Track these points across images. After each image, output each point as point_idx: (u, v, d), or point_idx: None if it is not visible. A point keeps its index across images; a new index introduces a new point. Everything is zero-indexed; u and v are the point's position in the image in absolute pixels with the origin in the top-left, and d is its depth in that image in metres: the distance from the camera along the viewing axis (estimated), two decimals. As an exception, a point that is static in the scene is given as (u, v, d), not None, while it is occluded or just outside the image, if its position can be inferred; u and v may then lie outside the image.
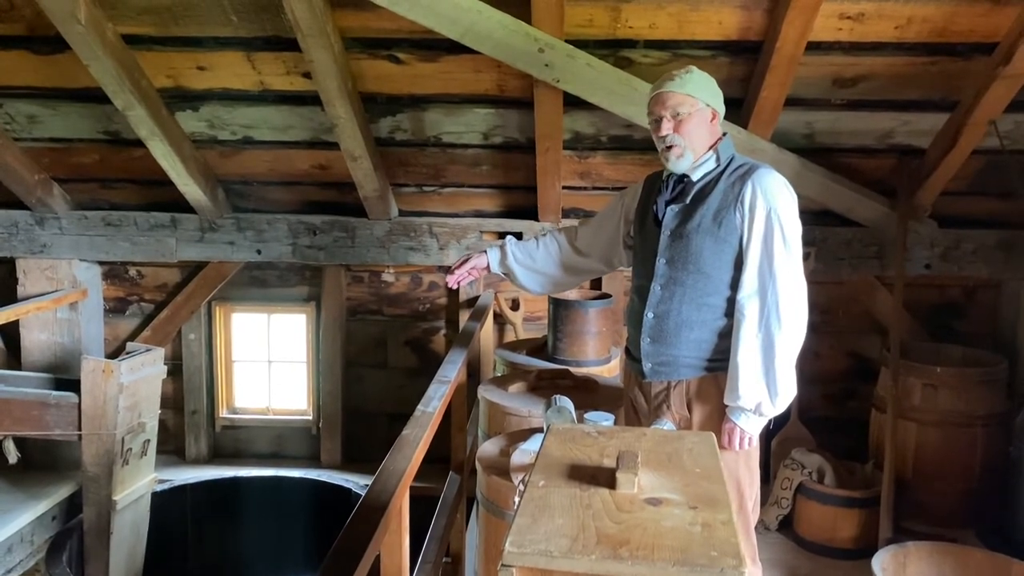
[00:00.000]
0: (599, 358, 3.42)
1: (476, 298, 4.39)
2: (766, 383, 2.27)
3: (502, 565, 1.12)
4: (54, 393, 3.68)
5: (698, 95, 2.34)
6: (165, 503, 4.08)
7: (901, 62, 3.31)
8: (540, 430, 2.46)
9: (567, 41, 3.20)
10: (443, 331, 4.58)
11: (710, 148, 2.37)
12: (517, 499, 2.13)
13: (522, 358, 3.50)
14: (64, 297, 4.44)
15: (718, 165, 2.37)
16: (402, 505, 1.96)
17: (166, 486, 4.20)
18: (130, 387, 3.58)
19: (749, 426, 2.31)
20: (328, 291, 4.56)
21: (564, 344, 3.40)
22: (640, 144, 3.85)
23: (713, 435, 1.59)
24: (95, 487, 3.63)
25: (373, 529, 1.69)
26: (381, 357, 4.69)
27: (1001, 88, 3.21)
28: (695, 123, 2.34)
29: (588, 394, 2.95)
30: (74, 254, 4.46)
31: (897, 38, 3.19)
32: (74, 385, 3.68)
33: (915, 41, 3.20)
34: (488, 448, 2.52)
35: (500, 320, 4.55)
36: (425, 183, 4.24)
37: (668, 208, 2.40)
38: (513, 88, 3.56)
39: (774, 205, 2.27)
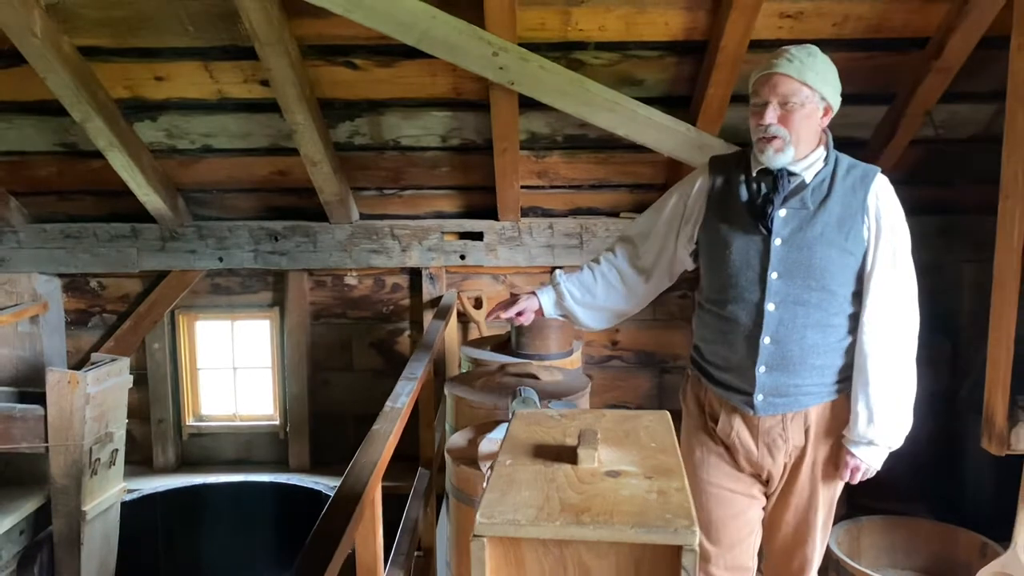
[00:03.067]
0: (561, 351, 3.52)
1: (439, 298, 4.47)
2: (897, 416, 2.10)
3: (474, 536, 1.20)
4: (19, 406, 3.68)
5: (818, 87, 2.04)
6: (134, 513, 4.08)
7: (840, 57, 3.37)
8: (507, 421, 2.53)
9: (520, 44, 3.28)
10: (407, 332, 4.64)
11: (819, 145, 2.11)
12: (485, 484, 2.20)
13: (487, 354, 3.58)
14: (24, 311, 4.41)
15: (826, 164, 2.11)
16: (375, 497, 2.03)
17: (135, 495, 4.20)
18: (96, 397, 3.60)
19: (874, 460, 2.13)
20: (291, 296, 4.60)
21: (527, 339, 3.49)
22: (595, 143, 3.96)
23: (667, 414, 1.67)
24: (64, 498, 3.64)
25: (348, 519, 1.75)
26: (346, 360, 4.73)
27: (934, 80, 3.37)
28: (806, 116, 2.05)
29: (551, 385, 3.04)
30: (33, 267, 4.44)
31: (835, 35, 3.33)
32: (39, 398, 3.68)
33: (852, 37, 3.35)
34: (456, 440, 2.60)
35: (464, 319, 4.63)
36: (385, 186, 4.30)
37: (778, 212, 2.09)
38: (469, 91, 3.64)
39: (897, 216, 2.10)
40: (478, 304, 4.53)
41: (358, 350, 4.72)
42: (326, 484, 4.28)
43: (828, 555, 3.16)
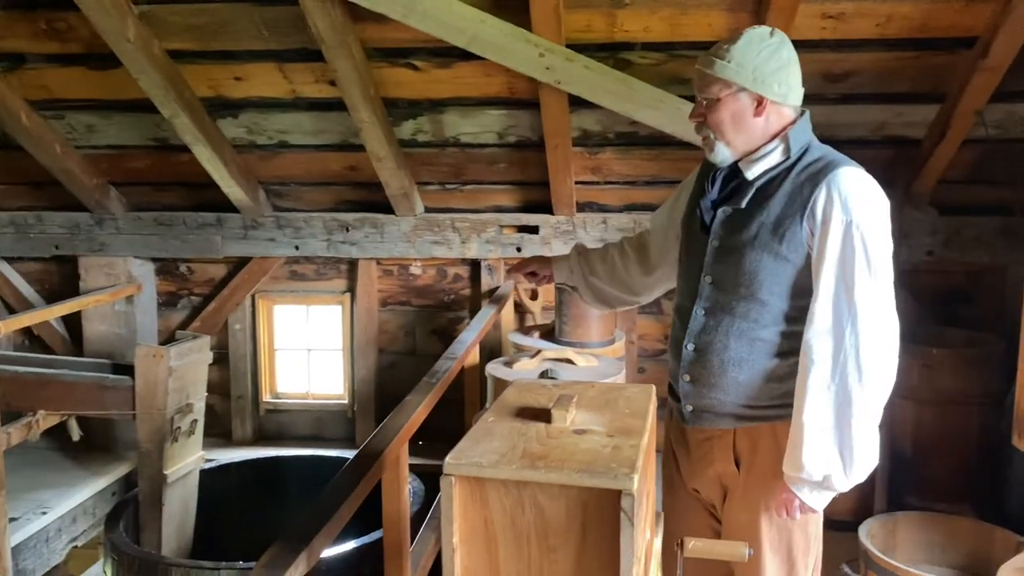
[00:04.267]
0: (602, 340, 3.67)
1: (496, 288, 4.67)
2: (839, 450, 1.82)
3: (443, 475, 1.39)
4: (111, 377, 4.07)
5: (737, 79, 1.88)
6: (214, 480, 4.42)
7: (887, 57, 3.48)
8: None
9: (568, 46, 3.44)
10: (467, 320, 4.86)
11: (772, 140, 1.93)
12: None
13: (528, 340, 3.76)
14: (120, 291, 4.84)
15: (786, 159, 1.92)
16: (399, 455, 2.23)
17: (214, 464, 4.54)
18: (178, 371, 3.94)
19: (812, 501, 1.88)
20: (361, 283, 4.88)
21: (569, 327, 3.65)
22: (646, 140, 4.07)
23: (652, 388, 1.81)
24: (148, 462, 3.99)
25: (363, 472, 1.97)
26: (410, 345, 4.99)
27: (982, 79, 3.36)
28: (728, 112, 1.92)
29: (586, 371, 3.19)
30: (130, 252, 4.85)
31: (879, 35, 3.36)
32: (129, 370, 4.06)
33: (897, 37, 3.37)
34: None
35: (521, 309, 4.81)
36: (447, 181, 4.53)
37: (718, 211, 1.97)
38: (522, 90, 3.82)
39: (856, 216, 1.81)
40: (534, 295, 4.71)
41: (421, 336, 4.97)
42: (387, 461, 4.53)
43: (859, 548, 3.22)
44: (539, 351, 3.31)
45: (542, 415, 1.60)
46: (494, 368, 3.27)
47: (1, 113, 4.13)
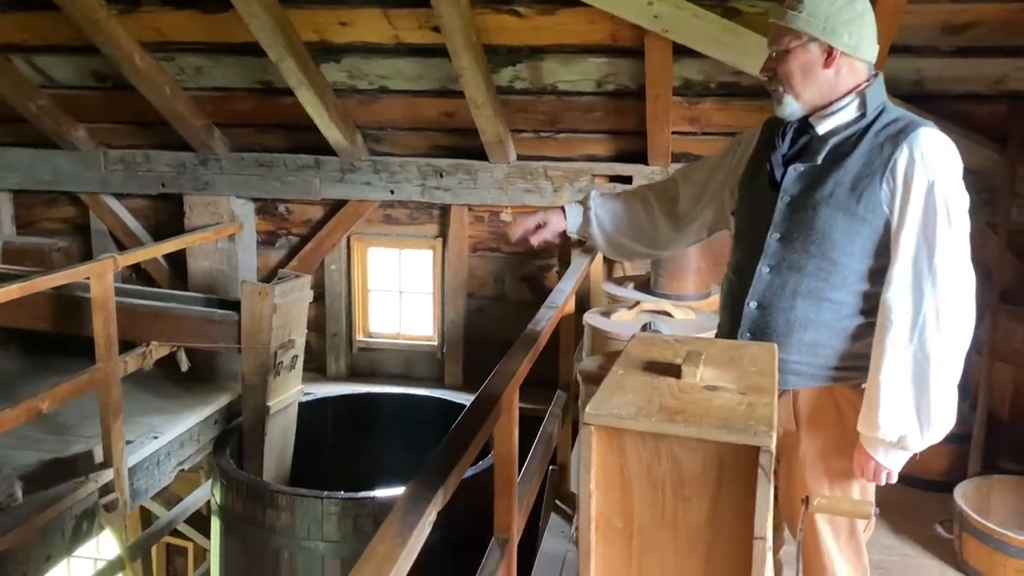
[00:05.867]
0: (698, 293, 3.68)
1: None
2: (916, 410, 1.81)
3: (583, 423, 1.45)
4: (218, 312, 4.26)
5: (808, 30, 1.85)
6: (309, 413, 4.62)
7: (1012, 8, 3.33)
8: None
9: (677, -7, 3.40)
10: (555, 268, 4.91)
11: (847, 95, 1.89)
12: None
13: (626, 291, 3.79)
14: (223, 229, 5.03)
15: (862, 117, 1.89)
16: (512, 400, 2.31)
17: (310, 398, 4.75)
18: (282, 308, 4.10)
19: (888, 461, 1.85)
20: (453, 229, 4.97)
21: (665, 279, 3.66)
22: (749, 90, 4.01)
23: (774, 347, 1.82)
24: (252, 394, 4.20)
25: (486, 414, 2.05)
26: (499, 291, 5.08)
27: None
28: (798, 64, 1.88)
29: (683, 324, 3.22)
30: (232, 191, 5.02)
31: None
32: (234, 305, 4.24)
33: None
34: (587, 364, 2.85)
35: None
36: (542, 129, 4.54)
37: (790, 168, 1.92)
38: (625, 38, 3.78)
39: (938, 176, 1.79)
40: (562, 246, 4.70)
41: (510, 283, 5.05)
42: (475, 402, 4.66)
43: (954, 509, 3.21)
44: (637, 303, 3.35)
45: (671, 370, 1.63)
46: (592, 318, 3.31)
47: (115, 54, 4.29)
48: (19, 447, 3.86)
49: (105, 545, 5.97)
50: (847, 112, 1.90)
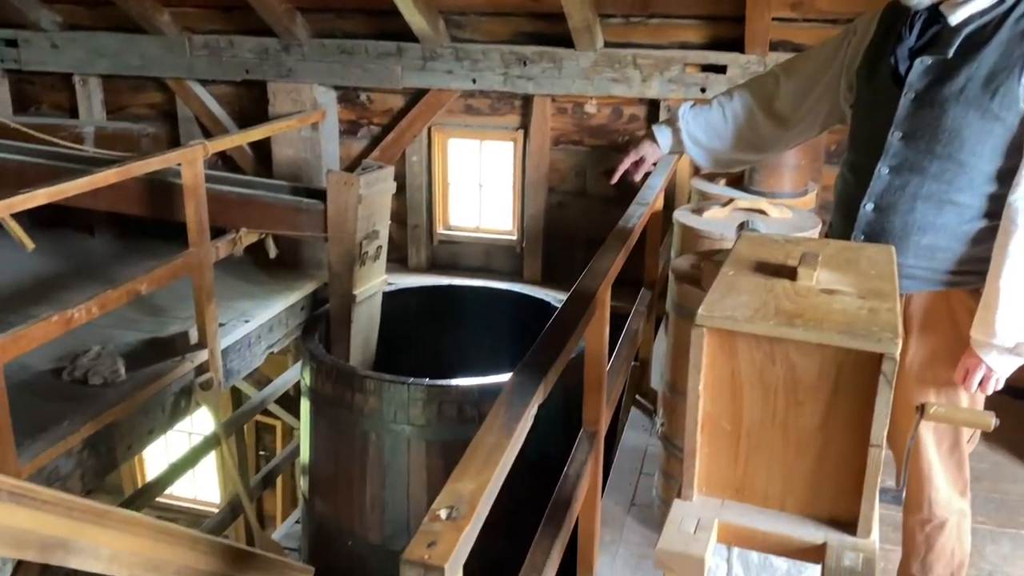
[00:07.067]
0: (795, 190, 3.54)
1: (676, 131, 4.54)
2: None
3: (695, 325, 1.42)
4: (305, 200, 4.31)
5: None
6: (392, 302, 4.71)
7: None
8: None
9: None
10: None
11: None
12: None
13: (717, 188, 3.67)
14: (307, 117, 5.02)
15: (999, 5, 1.72)
16: (605, 298, 2.29)
17: (392, 288, 4.82)
18: (367, 198, 4.12)
19: (999, 365, 1.79)
20: (535, 120, 4.86)
21: (760, 176, 3.53)
22: (860, -26, 3.74)
23: (892, 249, 1.74)
24: (338, 282, 4.28)
25: (582, 311, 2.04)
26: (580, 185, 4.99)
27: None
28: None
29: (779, 223, 3.11)
30: (314, 79, 4.99)
31: None
32: (319, 194, 4.28)
33: None
34: (680, 263, 2.79)
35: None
36: (632, 13, 4.34)
37: (916, 61, 1.78)
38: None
39: None
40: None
41: (592, 177, 4.95)
42: (554, 296, 4.66)
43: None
44: (730, 200, 3.24)
45: (785, 272, 1.58)
46: (682, 215, 3.23)
47: (198, -65, 4.22)
48: (119, 327, 4.05)
49: (200, 422, 6.30)
50: (984, 1, 1.73)
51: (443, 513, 1.20)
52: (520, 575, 1.95)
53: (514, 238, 5.21)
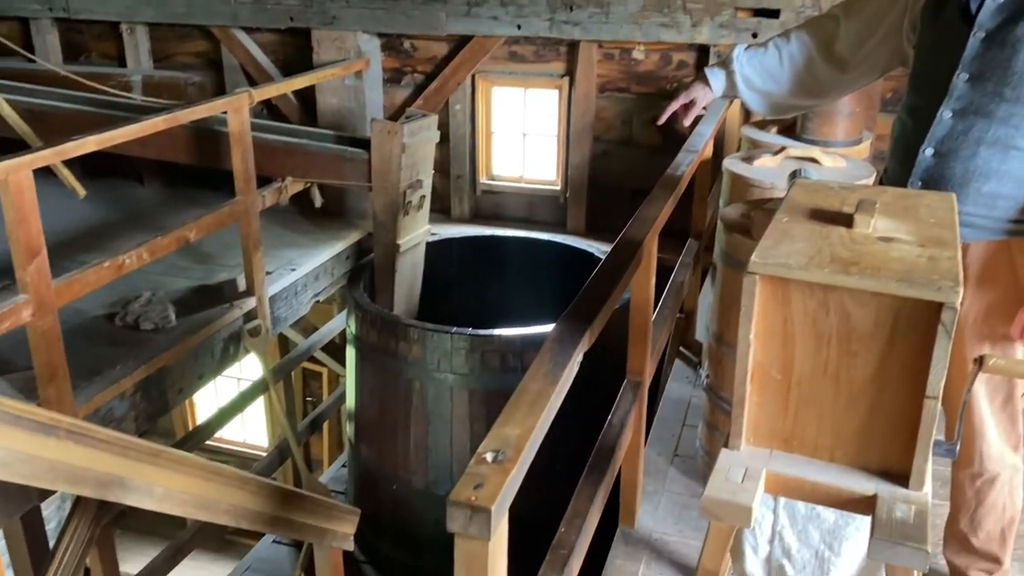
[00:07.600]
0: (848, 139, 3.44)
1: (726, 78, 4.42)
2: None
3: (747, 272, 1.38)
4: (349, 149, 4.31)
5: None
6: (435, 252, 4.72)
7: None
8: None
9: None
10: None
11: None
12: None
13: (769, 136, 3.58)
14: (351, 66, 4.99)
15: None
16: (652, 248, 2.26)
17: (435, 238, 4.83)
18: (410, 147, 4.10)
19: None
20: (581, 67, 4.77)
21: (813, 124, 3.43)
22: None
23: (952, 196, 1.68)
24: (383, 232, 4.29)
25: (629, 260, 2.01)
26: (626, 134, 4.91)
27: None
28: None
29: (833, 172, 3.03)
30: (358, 26, 4.95)
31: None
32: (363, 144, 4.27)
33: None
34: (730, 212, 2.73)
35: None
36: (683, -44, 4.21)
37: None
38: None
39: None
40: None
41: (638, 125, 4.86)
42: (599, 248, 4.62)
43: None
44: (782, 148, 3.16)
45: (841, 219, 1.53)
46: (732, 164, 3.16)
47: None
48: (169, 274, 4.12)
49: (248, 368, 6.43)
50: None
51: (489, 456, 1.21)
52: (564, 521, 1.96)
53: (558, 188, 5.16)
